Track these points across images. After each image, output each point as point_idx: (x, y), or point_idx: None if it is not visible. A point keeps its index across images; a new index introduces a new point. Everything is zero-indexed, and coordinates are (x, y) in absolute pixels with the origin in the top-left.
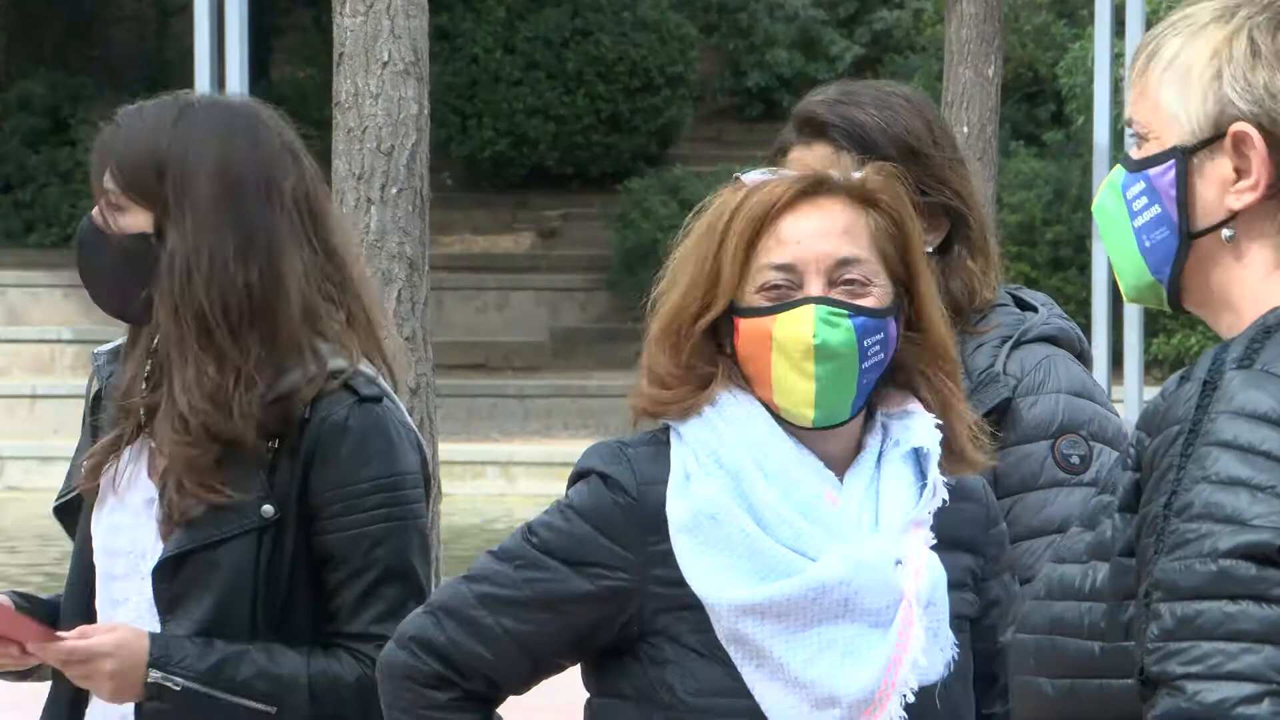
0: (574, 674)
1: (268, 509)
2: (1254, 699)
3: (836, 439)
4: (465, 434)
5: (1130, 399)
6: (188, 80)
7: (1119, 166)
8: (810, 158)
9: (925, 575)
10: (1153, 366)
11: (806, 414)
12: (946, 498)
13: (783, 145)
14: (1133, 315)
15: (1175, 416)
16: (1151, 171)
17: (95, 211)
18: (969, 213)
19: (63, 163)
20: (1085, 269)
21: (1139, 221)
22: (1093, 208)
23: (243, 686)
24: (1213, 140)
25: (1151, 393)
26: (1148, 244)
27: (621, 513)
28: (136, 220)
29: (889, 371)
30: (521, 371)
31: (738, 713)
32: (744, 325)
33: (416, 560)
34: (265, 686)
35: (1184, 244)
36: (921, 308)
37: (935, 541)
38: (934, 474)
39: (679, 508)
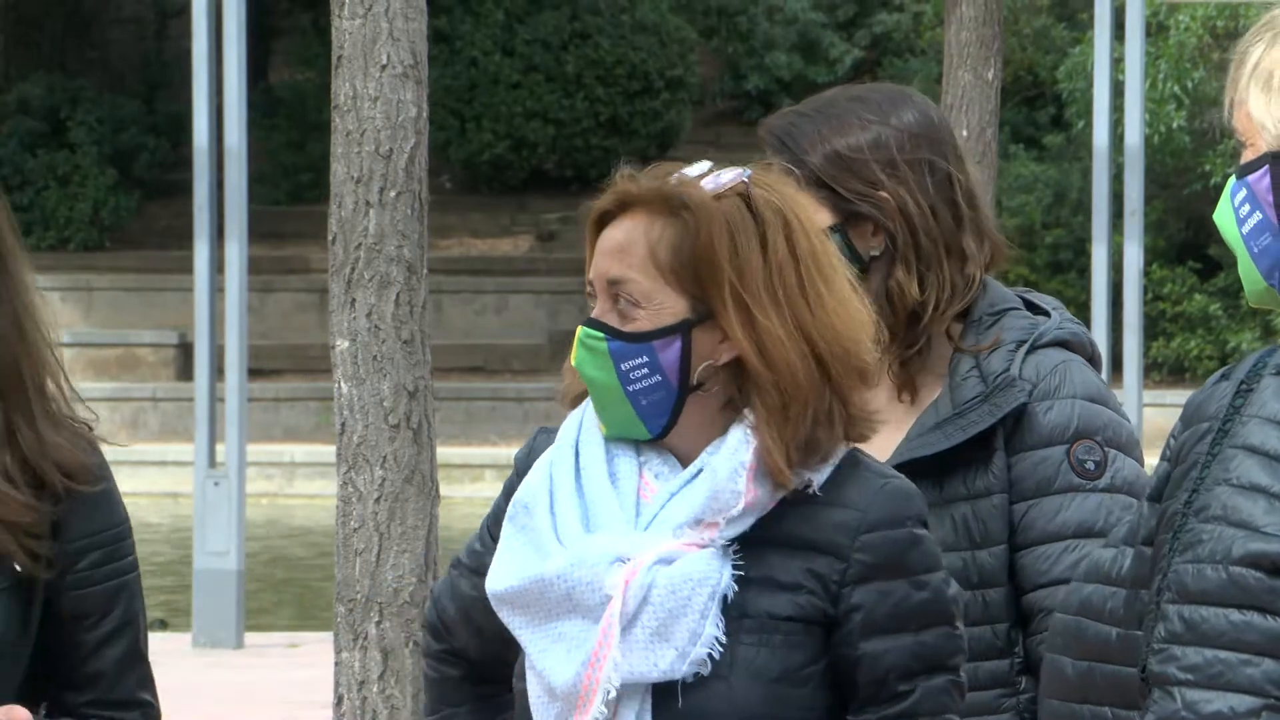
0: None
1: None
2: (1251, 713)
3: (680, 441)
4: (464, 437)
5: (1129, 403)
6: (186, 82)
7: (1232, 175)
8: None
9: (649, 574)
10: (1152, 370)
11: (603, 428)
12: (737, 499)
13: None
14: (1132, 319)
15: (1207, 413)
16: (1250, 178)
17: None
18: (898, 220)
19: (60, 165)
20: (1085, 272)
21: (1246, 228)
22: (1213, 217)
23: None
24: None
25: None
26: (1256, 250)
27: (501, 512)
28: None
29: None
30: (520, 374)
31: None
32: None
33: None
34: None
35: None
36: (732, 326)
37: (719, 542)
38: (717, 483)
39: (515, 496)
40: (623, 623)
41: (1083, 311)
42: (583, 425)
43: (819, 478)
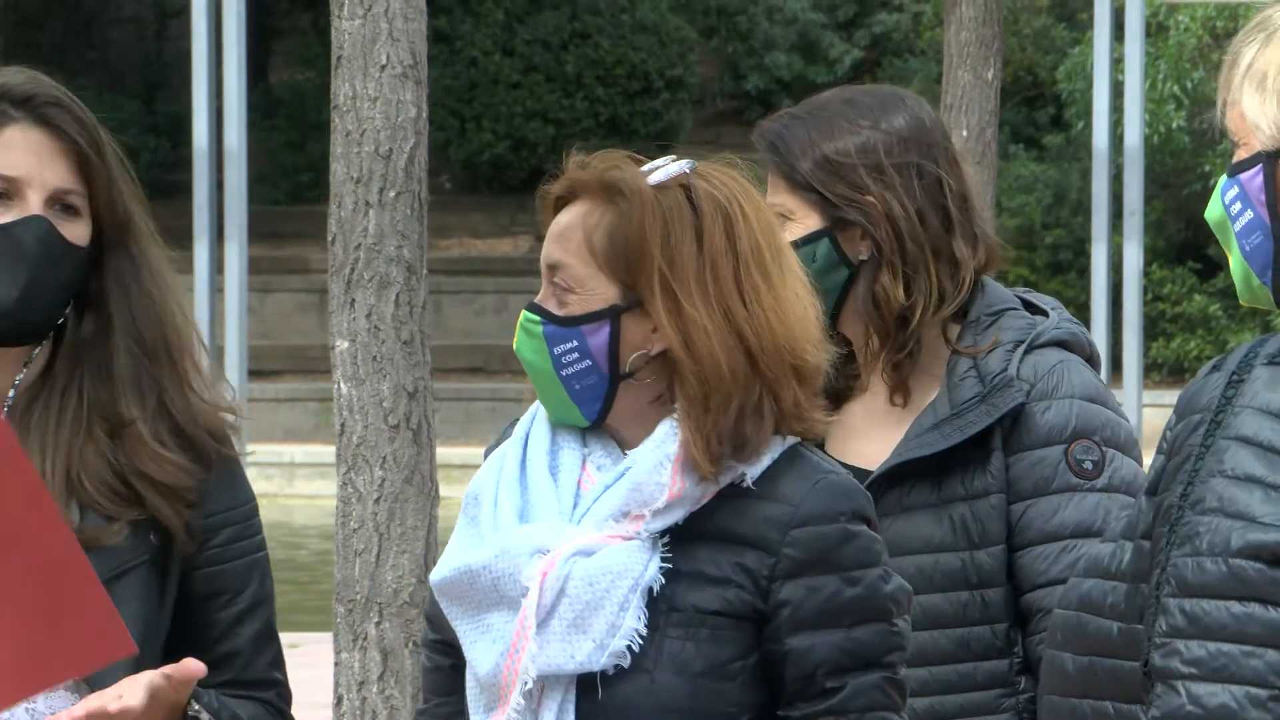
0: None
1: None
2: (1257, 704)
3: (623, 431)
4: (464, 437)
5: (1129, 403)
6: (186, 83)
7: (1224, 173)
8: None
9: (566, 566)
10: (1151, 370)
11: (547, 413)
12: (661, 492)
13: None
14: (1132, 319)
15: (1200, 405)
16: (1243, 177)
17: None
18: (883, 225)
19: None
20: (1084, 273)
21: (1238, 226)
22: (1205, 214)
23: None
24: None
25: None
26: (1248, 248)
27: None
28: None
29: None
30: (520, 375)
31: None
32: None
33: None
34: None
35: (1278, 246)
36: (659, 315)
37: (644, 535)
38: (640, 476)
39: (468, 488)
40: (540, 615)
41: (1082, 312)
42: (535, 417)
43: (753, 471)
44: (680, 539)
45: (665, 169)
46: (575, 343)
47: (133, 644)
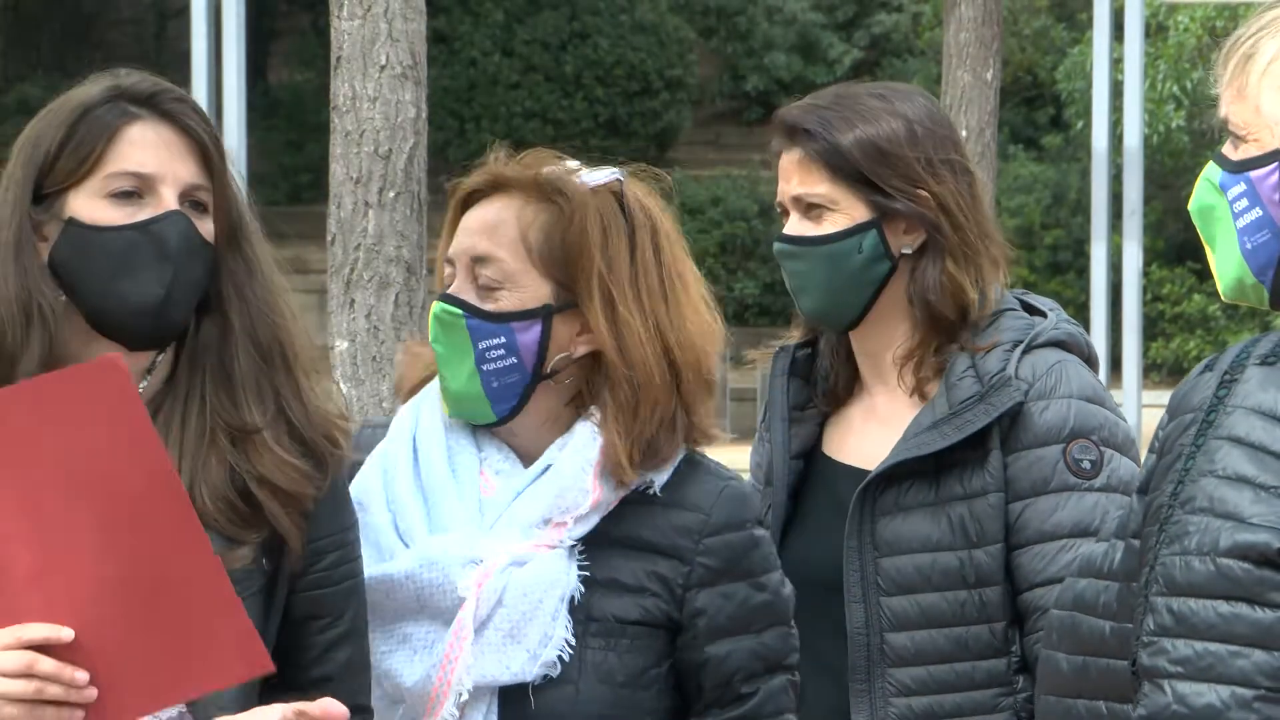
0: None
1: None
2: (1242, 704)
3: (522, 435)
4: None
5: (1128, 403)
6: (186, 83)
7: (1213, 164)
8: (786, 161)
9: (503, 577)
10: (1151, 370)
11: (447, 407)
12: (584, 498)
13: (774, 149)
14: (1131, 320)
15: (1192, 405)
16: (1254, 174)
17: None
18: (941, 217)
19: None
20: (1084, 273)
21: (1241, 223)
22: (1190, 207)
23: None
24: None
25: (1150, 397)
26: (1249, 246)
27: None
28: None
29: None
30: None
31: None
32: None
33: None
34: None
35: None
36: (595, 317)
37: (566, 543)
38: (563, 481)
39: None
40: (475, 625)
41: (1082, 312)
42: (419, 419)
43: (660, 478)
44: (591, 546)
45: (596, 174)
46: (502, 339)
47: (270, 662)
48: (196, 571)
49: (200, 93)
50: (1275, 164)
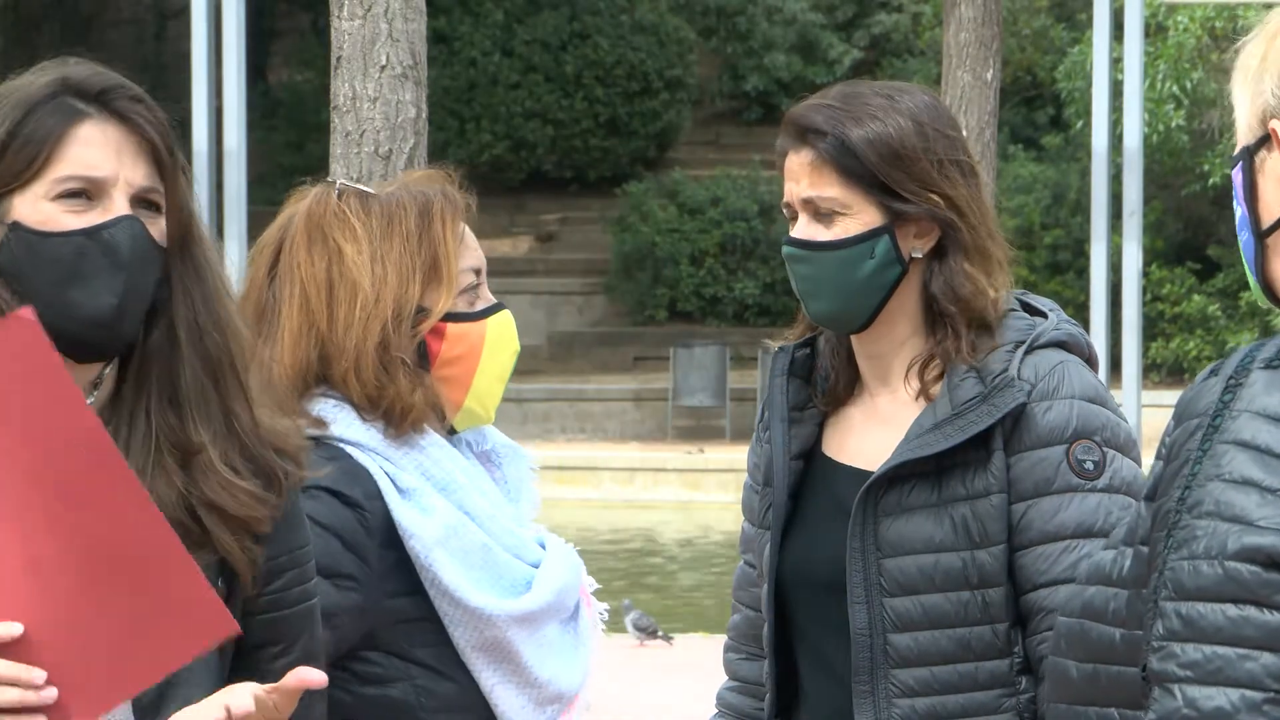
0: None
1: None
2: (1252, 707)
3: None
4: None
5: (1128, 403)
6: (185, 84)
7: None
8: (795, 162)
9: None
10: (1150, 371)
11: (491, 415)
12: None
13: (781, 149)
14: (1131, 319)
15: (1198, 409)
16: (1233, 172)
17: None
18: (956, 217)
19: None
20: (1083, 273)
21: (1236, 223)
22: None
23: None
24: (1266, 138)
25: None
26: (1241, 245)
27: (360, 525)
28: None
29: None
30: (519, 375)
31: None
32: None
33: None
34: None
35: (1259, 242)
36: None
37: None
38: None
39: (423, 522)
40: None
41: (1081, 312)
42: (426, 460)
43: None
44: None
45: None
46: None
47: (235, 623)
48: (143, 535)
49: (200, 93)
50: (1241, 162)
